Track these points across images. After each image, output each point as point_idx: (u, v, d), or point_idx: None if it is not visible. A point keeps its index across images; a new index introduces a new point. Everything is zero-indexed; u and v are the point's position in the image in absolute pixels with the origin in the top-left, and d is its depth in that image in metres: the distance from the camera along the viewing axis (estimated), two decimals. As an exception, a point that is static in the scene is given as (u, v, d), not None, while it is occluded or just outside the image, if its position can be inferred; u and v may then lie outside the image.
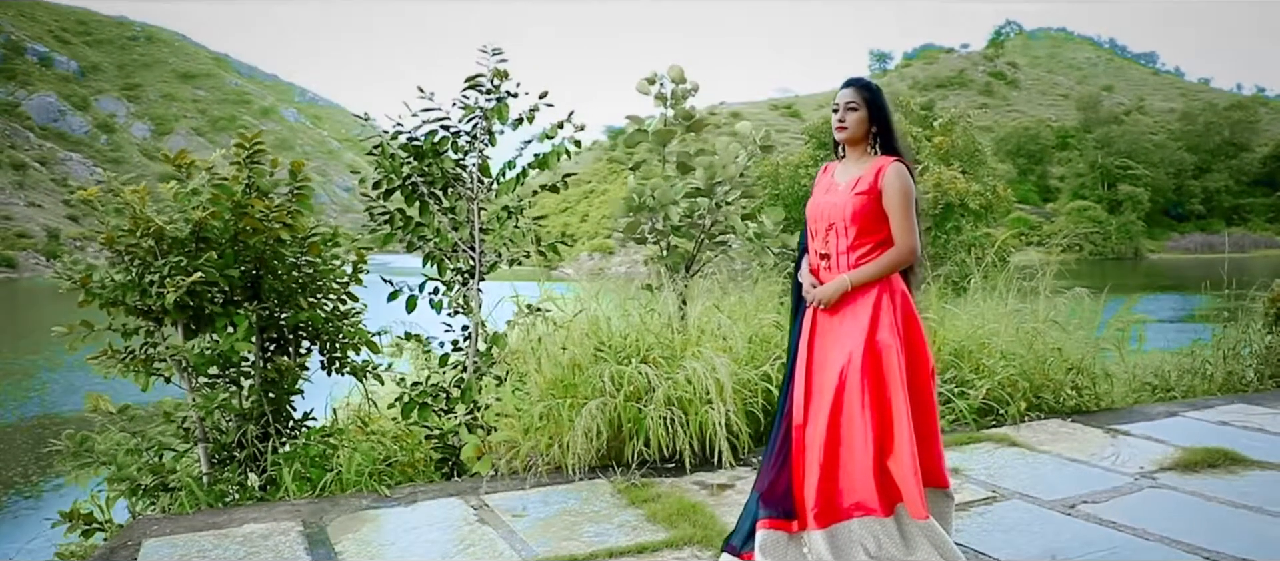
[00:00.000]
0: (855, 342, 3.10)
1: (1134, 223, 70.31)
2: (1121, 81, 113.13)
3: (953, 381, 5.58)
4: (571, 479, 4.42)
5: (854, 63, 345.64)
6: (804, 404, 3.20)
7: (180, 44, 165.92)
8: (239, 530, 3.91)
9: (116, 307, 4.74)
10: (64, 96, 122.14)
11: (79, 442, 4.88)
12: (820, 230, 3.26)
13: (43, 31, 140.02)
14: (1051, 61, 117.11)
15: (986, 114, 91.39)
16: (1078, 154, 78.08)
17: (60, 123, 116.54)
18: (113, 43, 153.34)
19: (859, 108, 3.19)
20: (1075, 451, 4.81)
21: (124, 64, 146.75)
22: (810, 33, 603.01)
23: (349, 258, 5.54)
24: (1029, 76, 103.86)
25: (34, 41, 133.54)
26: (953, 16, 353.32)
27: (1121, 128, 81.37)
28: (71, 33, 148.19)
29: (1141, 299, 24.68)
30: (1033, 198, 74.31)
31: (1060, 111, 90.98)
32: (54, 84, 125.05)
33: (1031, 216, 69.38)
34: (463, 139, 5.63)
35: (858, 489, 3.10)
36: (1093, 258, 65.10)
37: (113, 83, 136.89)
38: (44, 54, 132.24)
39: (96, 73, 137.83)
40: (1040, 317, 5.92)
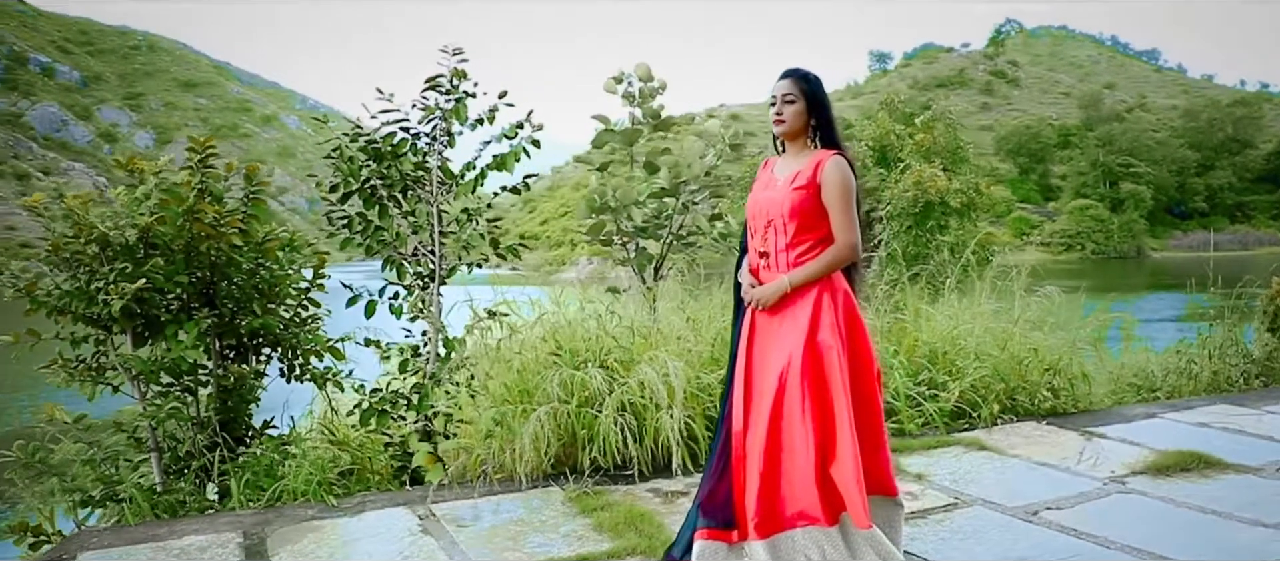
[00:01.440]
0: (794, 345, 2.97)
1: (1136, 221, 70.00)
2: (1123, 79, 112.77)
3: (925, 383, 5.45)
4: (523, 487, 4.30)
5: (853, 62, 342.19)
6: (743, 409, 3.08)
7: (182, 53, 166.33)
8: (178, 542, 3.79)
9: (63, 316, 4.64)
10: (67, 106, 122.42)
11: (31, 453, 4.79)
12: (759, 227, 3.14)
13: (45, 42, 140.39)
14: (1053, 59, 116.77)
15: (987, 113, 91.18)
16: (1079, 152, 77.80)
17: (63, 133, 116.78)
18: (115, 52, 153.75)
19: (796, 100, 3.07)
20: (1046, 455, 4.68)
21: (126, 73, 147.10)
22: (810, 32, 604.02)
23: (308, 263, 5.46)
24: (1030, 75, 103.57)
25: (36, 52, 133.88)
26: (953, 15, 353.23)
27: (1123, 125, 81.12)
28: (74, 43, 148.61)
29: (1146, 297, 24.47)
30: (1034, 197, 74.10)
31: (1062, 110, 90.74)
32: (57, 94, 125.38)
33: (1033, 216, 69.17)
34: (422, 140, 5.52)
35: (800, 497, 2.97)
36: (1095, 256, 64.86)
37: (115, 92, 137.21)
38: (46, 64, 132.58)
39: (99, 82, 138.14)
40: (1016, 318, 5.78)
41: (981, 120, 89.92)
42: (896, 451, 4.68)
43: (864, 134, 11.65)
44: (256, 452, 4.80)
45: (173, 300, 4.95)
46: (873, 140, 11.37)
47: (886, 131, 11.24)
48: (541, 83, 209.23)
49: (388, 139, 5.49)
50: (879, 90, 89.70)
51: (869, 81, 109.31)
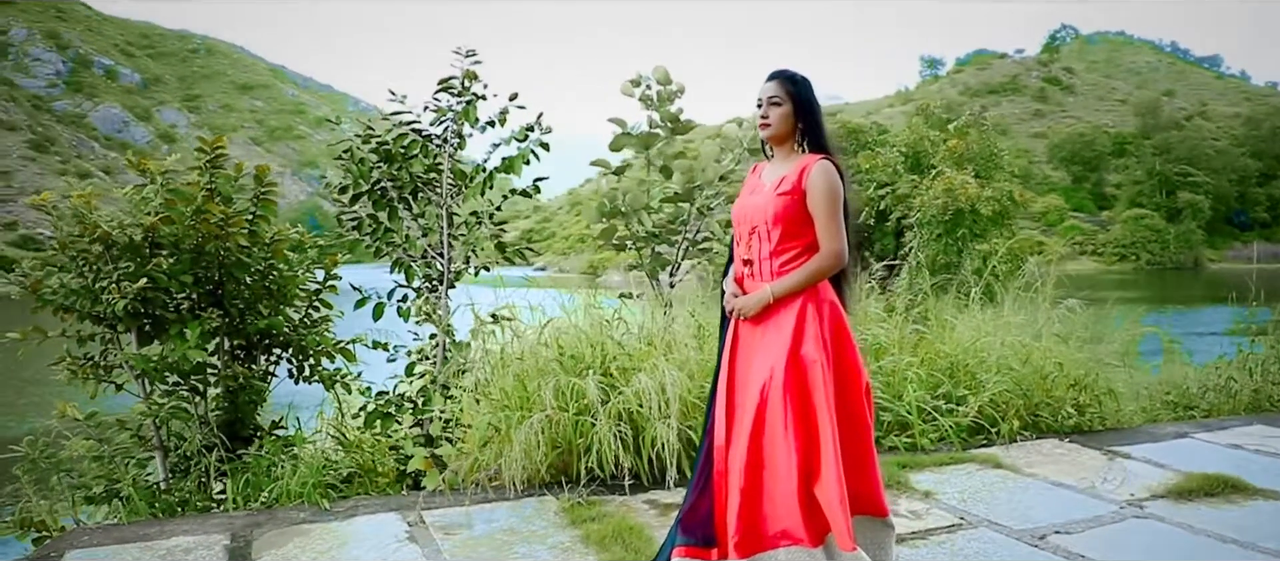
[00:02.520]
0: (777, 357, 2.85)
1: (1194, 231, 68.06)
2: (1183, 86, 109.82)
3: (943, 396, 5.27)
4: (519, 495, 4.22)
5: (904, 69, 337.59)
6: (725, 423, 2.96)
7: (238, 56, 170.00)
8: (166, 543, 3.78)
9: (69, 314, 4.67)
10: (128, 107, 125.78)
11: (40, 449, 4.83)
12: (743, 234, 3.03)
13: (109, 45, 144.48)
14: (1109, 66, 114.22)
15: (1040, 120, 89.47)
16: (1135, 161, 75.89)
17: (124, 133, 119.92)
18: (174, 55, 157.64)
19: (783, 102, 2.95)
20: (1064, 475, 4.48)
21: (185, 75, 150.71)
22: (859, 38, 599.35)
23: (317, 265, 5.45)
24: (1085, 82, 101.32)
25: (101, 54, 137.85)
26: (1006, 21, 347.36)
27: (1182, 133, 78.99)
28: (135, 46, 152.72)
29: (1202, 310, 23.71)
30: (1088, 206, 72.45)
31: (1118, 117, 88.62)
32: (118, 96, 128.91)
33: (1086, 225, 67.62)
34: (433, 142, 5.49)
35: (783, 516, 2.85)
36: (1150, 267, 63.21)
37: (174, 94, 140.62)
38: (109, 67, 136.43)
39: (159, 84, 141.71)
40: (1040, 330, 5.57)
41: (1034, 128, 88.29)
42: (906, 467, 4.53)
43: (898, 139, 11.42)
44: (256, 453, 4.77)
45: (182, 300, 4.97)
46: (907, 146, 11.13)
47: (920, 137, 10.97)
48: (591, 80, 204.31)
49: (399, 140, 5.47)
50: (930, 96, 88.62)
51: (920, 87, 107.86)
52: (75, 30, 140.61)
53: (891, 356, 5.34)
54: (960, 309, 6.37)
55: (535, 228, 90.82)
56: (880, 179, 10.60)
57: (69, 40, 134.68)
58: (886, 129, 13.27)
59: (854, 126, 13.28)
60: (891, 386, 5.17)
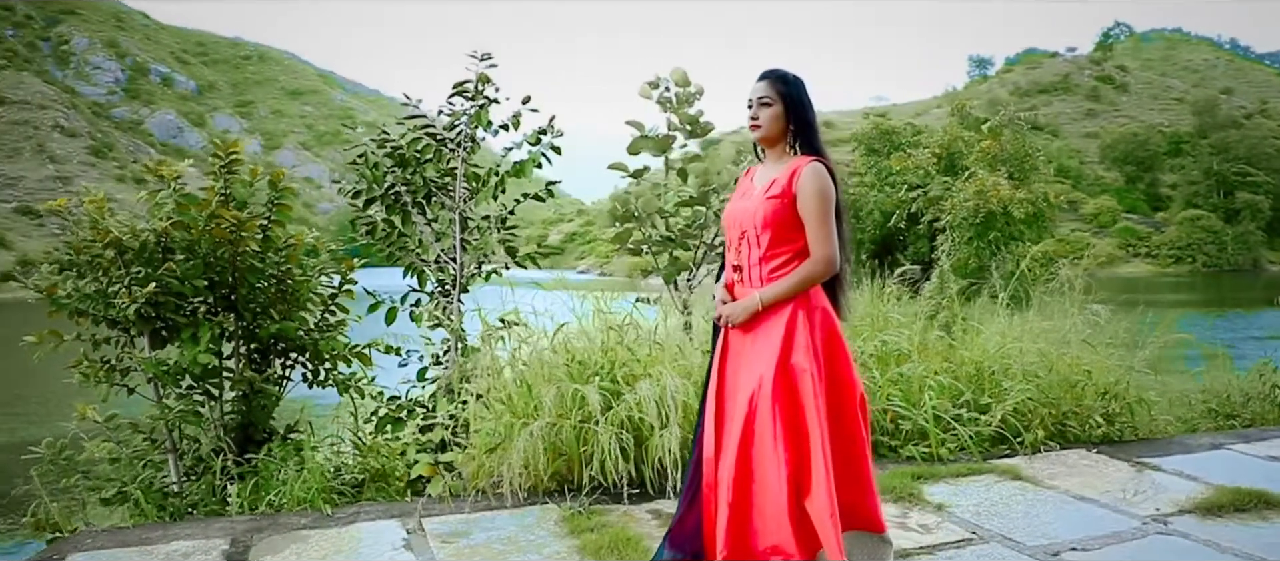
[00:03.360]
0: (766, 366, 2.75)
1: (1253, 232, 66.02)
2: (1242, 83, 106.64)
3: (965, 405, 5.11)
4: (522, 503, 4.17)
5: (952, 69, 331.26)
6: (714, 434, 2.87)
7: (289, 62, 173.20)
8: (165, 547, 3.78)
9: (83, 318, 4.72)
10: (183, 114, 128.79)
11: (58, 451, 4.89)
12: (733, 239, 2.94)
13: (165, 53, 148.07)
14: (1165, 64, 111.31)
15: (1093, 120, 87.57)
16: (1192, 160, 73.84)
17: (179, 139, 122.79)
18: (228, 62, 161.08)
19: (773, 103, 2.85)
20: (1087, 487, 4.31)
21: (238, 82, 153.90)
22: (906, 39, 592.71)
23: (330, 269, 5.46)
24: (1139, 80, 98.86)
25: (157, 63, 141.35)
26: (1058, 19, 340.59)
27: (1241, 132, 76.71)
28: (191, 54, 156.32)
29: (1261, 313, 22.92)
30: (1142, 207, 70.69)
31: (1173, 116, 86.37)
32: (174, 102, 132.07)
33: (1139, 226, 65.98)
34: (447, 147, 5.46)
35: (773, 531, 2.75)
36: (1207, 269, 61.47)
37: (227, 100, 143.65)
38: (165, 74, 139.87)
39: (212, 91, 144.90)
40: (1065, 335, 5.38)
41: (1086, 127, 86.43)
42: (921, 478, 4.39)
43: (932, 141, 11.17)
44: (264, 458, 4.77)
45: (199, 303, 5.00)
46: (940, 147, 10.87)
47: (954, 138, 10.71)
48: (627, 87, 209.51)
49: (413, 144, 5.46)
50: (978, 97, 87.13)
51: (968, 87, 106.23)
52: (134, 38, 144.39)
53: (911, 363, 5.19)
54: (990, 313, 6.20)
55: (578, 231, 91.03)
56: (911, 181, 10.37)
57: (127, 48, 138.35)
58: (921, 130, 12.97)
59: (887, 128, 13.03)
60: (910, 394, 5.02)
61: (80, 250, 4.65)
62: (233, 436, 5.04)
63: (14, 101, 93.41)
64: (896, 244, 10.29)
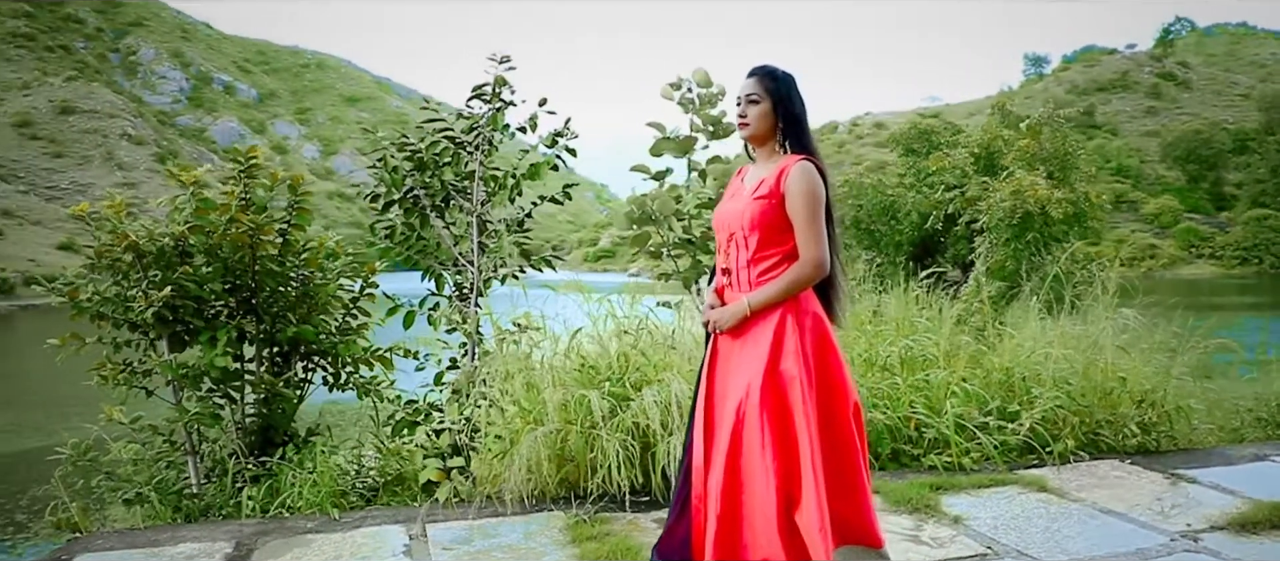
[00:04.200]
0: (753, 373, 2.66)
1: (1325, 232, 63.41)
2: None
3: (992, 412, 4.93)
4: (528, 510, 4.12)
5: (1008, 69, 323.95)
6: (703, 444, 2.79)
7: (346, 70, 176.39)
8: (172, 549, 3.81)
9: (103, 321, 4.79)
10: (244, 121, 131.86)
11: (83, 452, 4.96)
12: (722, 242, 2.85)
13: (227, 62, 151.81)
14: (1229, 59, 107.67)
15: (1153, 118, 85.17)
16: (1258, 158, 71.16)
17: (241, 145, 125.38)
18: (287, 70, 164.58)
19: (761, 100, 2.76)
20: (1116, 500, 4.12)
21: (297, 89, 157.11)
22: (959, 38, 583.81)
23: (351, 273, 5.47)
24: (1202, 76, 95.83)
25: (220, 71, 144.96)
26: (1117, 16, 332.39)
27: (1313, 129, 73.77)
28: (252, 63, 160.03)
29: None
30: (1205, 207, 68.48)
31: (1239, 113, 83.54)
32: (236, 110, 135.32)
33: (1202, 227, 63.94)
34: (466, 150, 5.45)
35: (762, 544, 2.66)
36: (1274, 271, 59.32)
37: (287, 107, 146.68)
38: (227, 83, 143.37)
39: (273, 98, 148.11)
40: (1096, 340, 5.17)
41: (1146, 125, 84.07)
42: (941, 489, 4.25)
43: (971, 140, 10.88)
44: (278, 461, 4.78)
45: (221, 307, 5.05)
46: (979, 146, 10.58)
47: (994, 137, 10.41)
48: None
49: (431, 147, 5.45)
50: (1033, 96, 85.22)
51: (1023, 87, 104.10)
52: (197, 48, 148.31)
53: (937, 368, 5.04)
54: (1025, 317, 6.00)
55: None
56: (949, 181, 10.10)
57: (192, 58, 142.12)
58: (961, 129, 12.66)
59: (925, 127, 12.75)
60: (934, 401, 4.87)
61: (101, 254, 4.72)
62: (253, 439, 5.07)
63: (84, 111, 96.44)
64: (936, 246, 10.07)
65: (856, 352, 5.21)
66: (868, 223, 10.19)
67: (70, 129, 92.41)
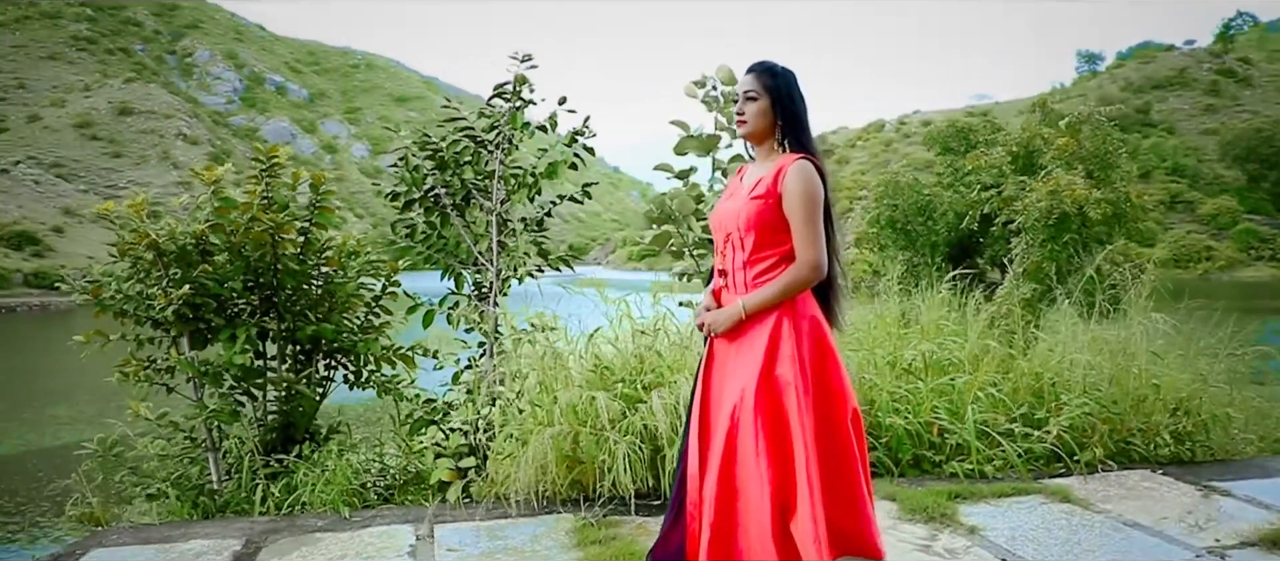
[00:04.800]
0: (748, 378, 2.59)
1: (1394, 235, 61.15)
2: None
3: (1019, 419, 4.79)
4: (538, 512, 4.08)
5: (1060, 66, 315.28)
6: (699, 449, 2.73)
7: (395, 70, 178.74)
8: (183, 545, 3.83)
9: (126, 318, 4.85)
10: (295, 121, 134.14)
11: (109, 447, 5.04)
12: (719, 242, 2.78)
13: (279, 63, 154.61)
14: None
15: (1212, 116, 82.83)
16: (1326, 157, 68.87)
17: (292, 145, 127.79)
18: (337, 70, 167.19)
19: (759, 97, 2.69)
20: (1142, 513, 3.97)
21: (346, 89, 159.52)
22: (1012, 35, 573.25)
23: (371, 272, 5.50)
24: (1265, 73, 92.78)
25: (272, 72, 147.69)
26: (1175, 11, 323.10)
27: (1380, 127, 71.17)
28: (303, 63, 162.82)
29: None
30: (1265, 207, 66.38)
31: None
32: (287, 109, 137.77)
33: (1263, 228, 62.02)
34: (486, 149, 5.44)
35: (757, 552, 2.60)
36: (1341, 274, 57.32)
37: (337, 107, 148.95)
38: (279, 83, 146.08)
39: (323, 98, 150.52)
40: (1125, 345, 5.00)
41: (1205, 124, 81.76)
42: (960, 497, 4.13)
43: (1009, 139, 10.61)
44: (294, 459, 4.81)
45: (243, 306, 5.10)
46: (1018, 145, 10.30)
47: (1033, 135, 10.12)
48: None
49: (452, 146, 5.45)
50: (1087, 93, 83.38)
51: (1076, 84, 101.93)
52: (251, 50, 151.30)
53: (962, 373, 4.91)
54: (1064, 321, 5.83)
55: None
56: (985, 181, 9.85)
57: (245, 59, 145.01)
58: (1001, 127, 12.36)
59: (962, 125, 12.47)
60: (958, 406, 4.75)
61: (123, 252, 4.79)
62: (274, 436, 5.11)
63: (142, 111, 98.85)
64: (973, 246, 9.83)
65: (880, 355, 5.10)
66: (903, 222, 10.00)
67: (128, 129, 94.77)
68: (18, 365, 21.17)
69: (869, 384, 4.76)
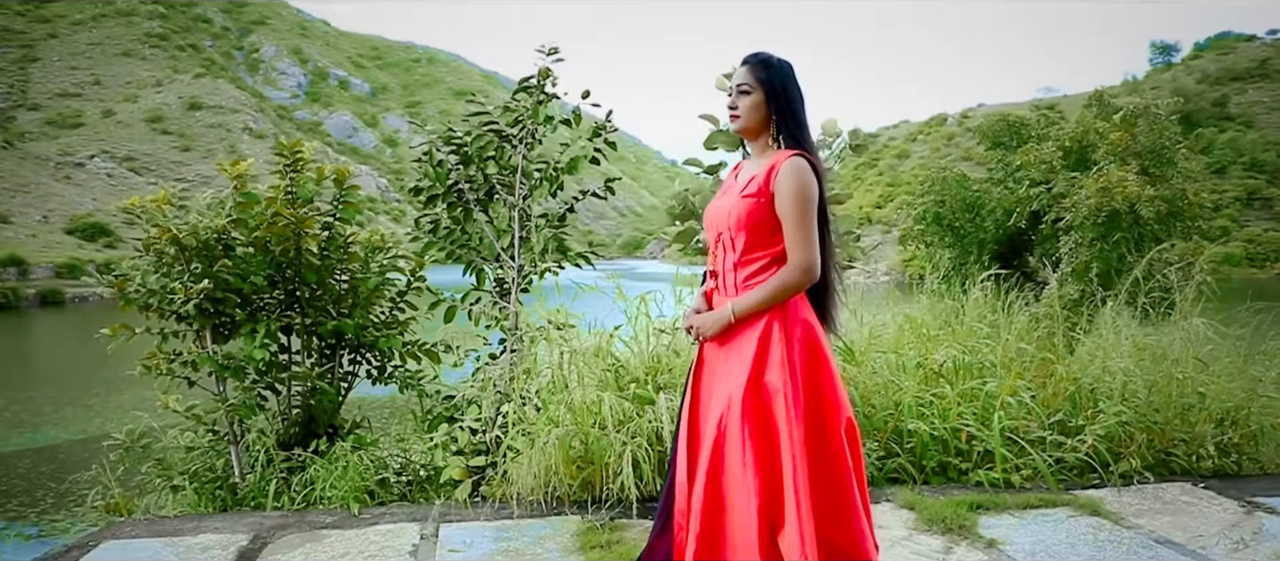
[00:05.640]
0: (735, 385, 2.49)
1: None
2: None
3: (1054, 426, 4.60)
4: (545, 512, 4.02)
5: (1134, 57, 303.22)
6: (687, 458, 2.63)
7: (456, 64, 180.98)
8: (191, 539, 3.86)
9: (150, 312, 4.90)
10: (357, 115, 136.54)
11: (136, 438, 5.12)
12: (710, 242, 2.67)
13: (343, 58, 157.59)
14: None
15: (1294, 109, 79.56)
16: None
17: (354, 139, 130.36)
18: (399, 65, 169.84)
19: (752, 91, 2.57)
20: (1177, 529, 3.76)
21: (408, 84, 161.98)
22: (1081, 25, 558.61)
23: (396, 268, 5.50)
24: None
25: (336, 67, 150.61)
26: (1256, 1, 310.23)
27: None
28: (366, 58, 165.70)
29: None
30: (1354, 206, 63.63)
31: (1394, 103, 77.36)
32: (350, 104, 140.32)
33: (1349, 227, 59.39)
34: (510, 144, 5.39)
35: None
36: None
37: (398, 101, 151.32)
38: (342, 78, 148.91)
39: (385, 92, 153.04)
40: (1164, 353, 4.76)
41: (1285, 117, 78.64)
42: (981, 508, 3.97)
43: (1062, 134, 10.19)
44: (310, 455, 4.82)
45: (268, 300, 5.13)
46: (1071, 140, 9.88)
47: (1087, 130, 9.68)
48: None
49: (476, 140, 5.41)
50: (1160, 86, 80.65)
51: (1149, 77, 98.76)
52: (315, 45, 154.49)
53: (990, 377, 4.72)
54: (1106, 323, 5.59)
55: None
56: (1034, 177, 9.49)
57: (309, 54, 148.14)
58: (1054, 122, 11.91)
59: (1014, 119, 12.07)
60: (985, 412, 4.56)
61: (148, 246, 4.84)
62: (296, 431, 5.14)
63: (210, 106, 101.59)
64: (1024, 244, 9.51)
65: (909, 358, 4.94)
66: (950, 219, 9.72)
67: (197, 123, 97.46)
68: (85, 354, 21.87)
69: (894, 388, 4.60)
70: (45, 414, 14.18)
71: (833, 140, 5.64)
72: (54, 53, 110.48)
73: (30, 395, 16.20)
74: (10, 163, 69.58)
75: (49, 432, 12.71)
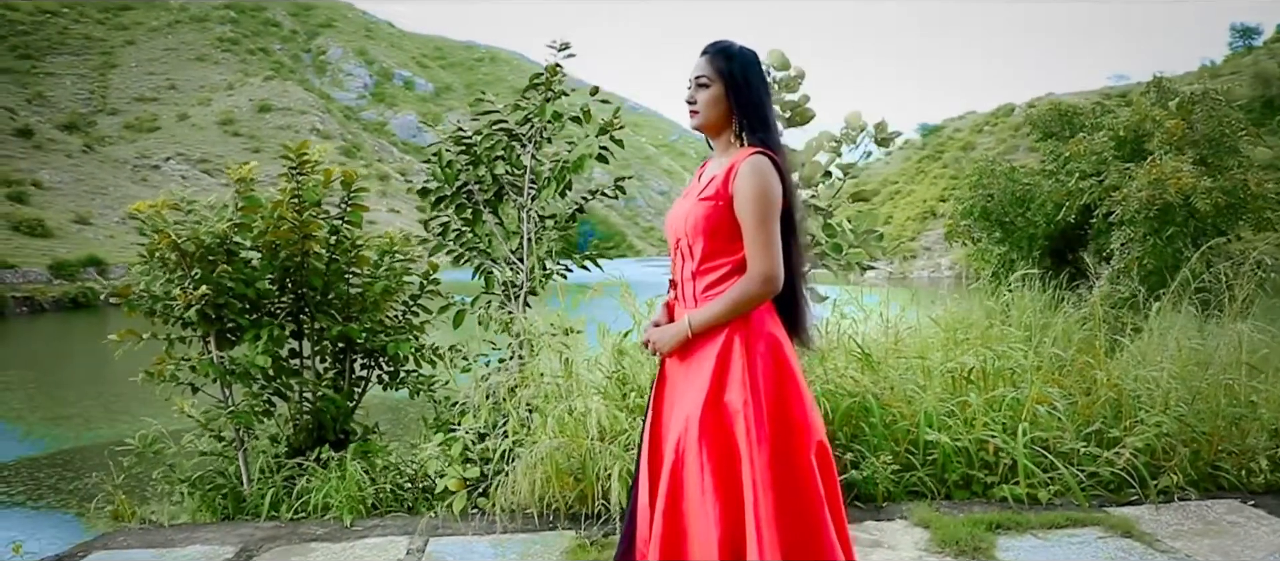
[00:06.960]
0: (693, 405, 2.29)
1: None
2: None
3: (1091, 438, 4.28)
4: (538, 527, 3.86)
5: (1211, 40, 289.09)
6: (649, 480, 2.43)
7: (517, 62, 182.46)
8: (180, 550, 3.80)
9: (154, 317, 4.87)
10: (421, 114, 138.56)
11: (148, 444, 5.10)
12: (670, 248, 2.47)
13: (407, 59, 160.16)
14: None
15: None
16: None
17: (417, 138, 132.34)
18: (462, 64, 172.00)
19: (712, 83, 2.35)
20: (1219, 553, 3.44)
21: (470, 83, 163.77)
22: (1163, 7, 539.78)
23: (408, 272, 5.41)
24: None
25: (400, 68, 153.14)
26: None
27: None
28: (429, 58, 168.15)
29: None
30: None
31: None
32: (414, 104, 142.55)
33: None
34: (520, 143, 5.25)
35: (708, 597, 2.28)
36: None
37: (460, 100, 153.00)
38: (407, 78, 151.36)
39: (448, 92, 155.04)
40: (1230, 357, 4.40)
41: (1382, 100, 74.65)
42: (1000, 527, 3.69)
43: (1116, 123, 9.62)
44: (311, 464, 4.74)
45: (274, 305, 5.07)
46: (1125, 128, 9.31)
47: (1142, 118, 9.11)
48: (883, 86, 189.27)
49: (485, 139, 5.28)
50: (1240, 70, 77.41)
51: (1228, 61, 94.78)
52: (380, 46, 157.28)
53: (1020, 384, 4.43)
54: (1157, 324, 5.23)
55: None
56: (1084, 168, 8.99)
57: (375, 56, 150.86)
58: (1110, 110, 11.32)
59: (1067, 107, 11.51)
60: (1012, 422, 4.27)
61: (152, 252, 4.81)
62: (305, 437, 5.07)
63: (279, 108, 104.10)
64: (1077, 238, 9.04)
65: (932, 363, 4.67)
66: (999, 213, 9.28)
67: (267, 125, 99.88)
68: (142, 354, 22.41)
69: (911, 395, 4.34)
70: (116, 410, 14.54)
71: (857, 134, 5.38)
72: (132, 59, 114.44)
73: (100, 391, 16.63)
74: (91, 166, 72.18)
75: (119, 429, 13.03)
